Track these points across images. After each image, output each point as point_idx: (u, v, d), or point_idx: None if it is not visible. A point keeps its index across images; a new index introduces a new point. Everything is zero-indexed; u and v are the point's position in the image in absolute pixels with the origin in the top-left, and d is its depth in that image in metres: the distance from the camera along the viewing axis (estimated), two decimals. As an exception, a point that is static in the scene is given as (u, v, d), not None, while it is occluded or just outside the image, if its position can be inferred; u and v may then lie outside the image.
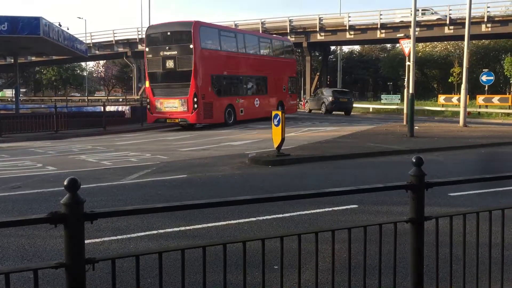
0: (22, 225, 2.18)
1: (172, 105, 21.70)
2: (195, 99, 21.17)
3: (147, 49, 22.19)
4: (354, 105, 38.74)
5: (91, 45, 52.61)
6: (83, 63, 77.88)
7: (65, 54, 33.32)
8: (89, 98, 59.97)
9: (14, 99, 34.45)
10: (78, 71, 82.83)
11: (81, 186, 2.14)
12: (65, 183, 2.09)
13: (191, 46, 20.85)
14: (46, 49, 28.44)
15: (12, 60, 31.82)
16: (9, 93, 51.09)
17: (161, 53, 21.51)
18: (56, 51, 31.17)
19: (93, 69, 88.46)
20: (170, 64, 21.37)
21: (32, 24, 20.30)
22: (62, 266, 2.11)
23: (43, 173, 10.29)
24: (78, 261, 2.10)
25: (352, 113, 36.34)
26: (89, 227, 5.35)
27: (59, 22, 26.34)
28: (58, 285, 4.15)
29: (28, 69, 73.50)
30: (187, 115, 21.36)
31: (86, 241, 2.22)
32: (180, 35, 21.64)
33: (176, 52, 21.29)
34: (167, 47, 21.39)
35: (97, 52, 55.22)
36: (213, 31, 23.52)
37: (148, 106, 22.55)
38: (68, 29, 32.49)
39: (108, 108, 28.48)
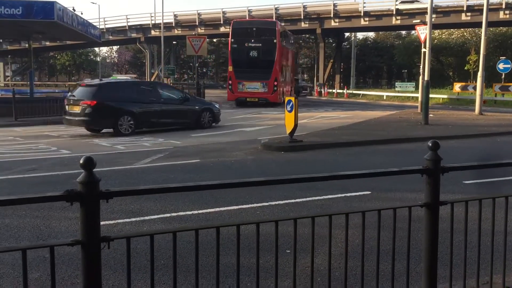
0: (38, 202, 2.20)
1: (253, 87, 26.34)
2: (275, 83, 26.38)
3: (232, 40, 26.67)
4: (370, 92, 43.96)
5: (105, 30, 52.68)
6: (96, 49, 78.22)
7: (79, 39, 33.42)
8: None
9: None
10: (92, 57, 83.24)
11: (95, 170, 2.17)
12: (81, 161, 2.11)
13: (275, 41, 26.30)
14: (60, 34, 28.53)
15: (27, 45, 32.01)
16: (122, 78, 48.75)
17: (246, 44, 26.34)
18: (70, 36, 31.26)
19: (106, 54, 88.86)
20: (254, 53, 26.35)
21: (47, 8, 20.34)
22: (78, 244, 2.14)
23: (58, 156, 10.40)
24: (94, 239, 2.12)
25: (365, 100, 36.97)
26: (103, 209, 5.37)
27: (73, 7, 26.39)
28: (73, 265, 4.21)
29: (42, 54, 74.02)
30: (267, 95, 26.27)
31: (100, 222, 2.24)
32: (265, 31, 26.68)
33: (260, 45, 26.27)
34: (252, 40, 26.36)
35: (110, 37, 55.31)
36: (281, 29, 28.49)
37: (230, 86, 27.08)
38: (82, 14, 32.59)
39: (122, 93, 28.51)
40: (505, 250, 3.30)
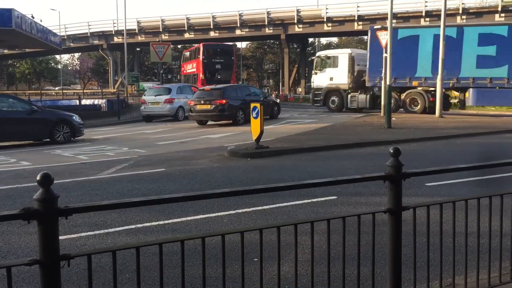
0: (-7, 222, 2.12)
1: None
2: None
3: (203, 57, 35.25)
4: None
5: (66, 37, 51.64)
6: (57, 56, 76.50)
7: (39, 46, 32.68)
8: (64, 91, 58.82)
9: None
10: (53, 64, 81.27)
11: (57, 181, 2.10)
12: (38, 178, 2.04)
13: (233, 58, 37.75)
14: (18, 41, 27.82)
15: (-16, 53, 31.00)
16: (147, 85, 46.40)
17: (213, 60, 35.58)
18: (29, 44, 30.53)
19: (68, 62, 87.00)
20: (218, 66, 35.68)
21: (4, 16, 19.79)
22: (36, 263, 2.06)
23: (17, 169, 10.08)
24: (53, 257, 2.05)
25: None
26: (65, 223, 5.23)
27: (31, 14, 25.73)
28: (34, 282, 4.07)
29: (0, 62, 71.79)
30: None
31: (62, 237, 2.18)
32: (226, 50, 37.51)
33: (223, 60, 35.90)
34: (217, 57, 35.97)
35: (71, 44, 54.25)
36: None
37: None
38: (41, 21, 31.79)
39: (84, 102, 28.06)
40: (466, 252, 3.38)
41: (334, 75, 25.44)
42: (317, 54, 28.37)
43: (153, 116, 23.44)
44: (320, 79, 26.33)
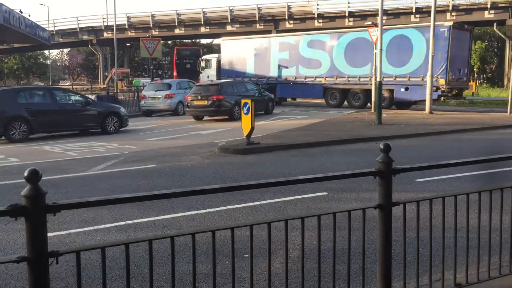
0: (-20, 219, 2.09)
1: None
2: None
3: (177, 58, 40.32)
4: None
5: (54, 32, 51.17)
6: (46, 51, 75.76)
7: (27, 42, 32.36)
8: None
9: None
10: (41, 60, 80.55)
11: (46, 178, 2.08)
12: (25, 174, 2.01)
13: (200, 59, 39.20)
14: (6, 36, 27.51)
15: (-29, 48, 30.63)
16: (144, 81, 46.14)
17: (184, 60, 40.55)
18: (18, 39, 30.24)
19: (57, 57, 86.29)
20: (188, 66, 39.98)
21: (-9, 10, 19.54)
22: (24, 260, 2.04)
23: (6, 165, 9.98)
24: (41, 254, 2.03)
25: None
26: (54, 219, 5.19)
27: (20, 9, 25.44)
28: (23, 279, 4.03)
29: (-12, 58, 70.98)
30: None
31: (51, 234, 2.16)
32: (194, 53, 41.74)
33: (192, 61, 39.90)
34: (188, 58, 40.78)
35: (60, 39, 53.75)
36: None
37: None
38: (29, 16, 31.48)
39: (74, 98, 27.82)
40: (455, 247, 3.40)
41: (210, 74, 32.09)
42: (201, 58, 35.80)
43: (153, 111, 23.99)
44: (203, 78, 32.63)
